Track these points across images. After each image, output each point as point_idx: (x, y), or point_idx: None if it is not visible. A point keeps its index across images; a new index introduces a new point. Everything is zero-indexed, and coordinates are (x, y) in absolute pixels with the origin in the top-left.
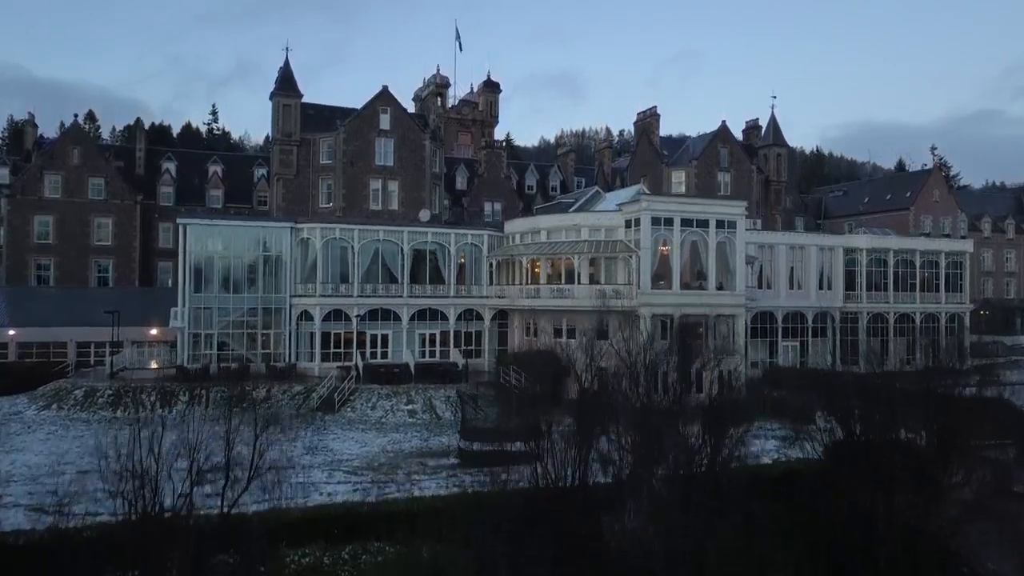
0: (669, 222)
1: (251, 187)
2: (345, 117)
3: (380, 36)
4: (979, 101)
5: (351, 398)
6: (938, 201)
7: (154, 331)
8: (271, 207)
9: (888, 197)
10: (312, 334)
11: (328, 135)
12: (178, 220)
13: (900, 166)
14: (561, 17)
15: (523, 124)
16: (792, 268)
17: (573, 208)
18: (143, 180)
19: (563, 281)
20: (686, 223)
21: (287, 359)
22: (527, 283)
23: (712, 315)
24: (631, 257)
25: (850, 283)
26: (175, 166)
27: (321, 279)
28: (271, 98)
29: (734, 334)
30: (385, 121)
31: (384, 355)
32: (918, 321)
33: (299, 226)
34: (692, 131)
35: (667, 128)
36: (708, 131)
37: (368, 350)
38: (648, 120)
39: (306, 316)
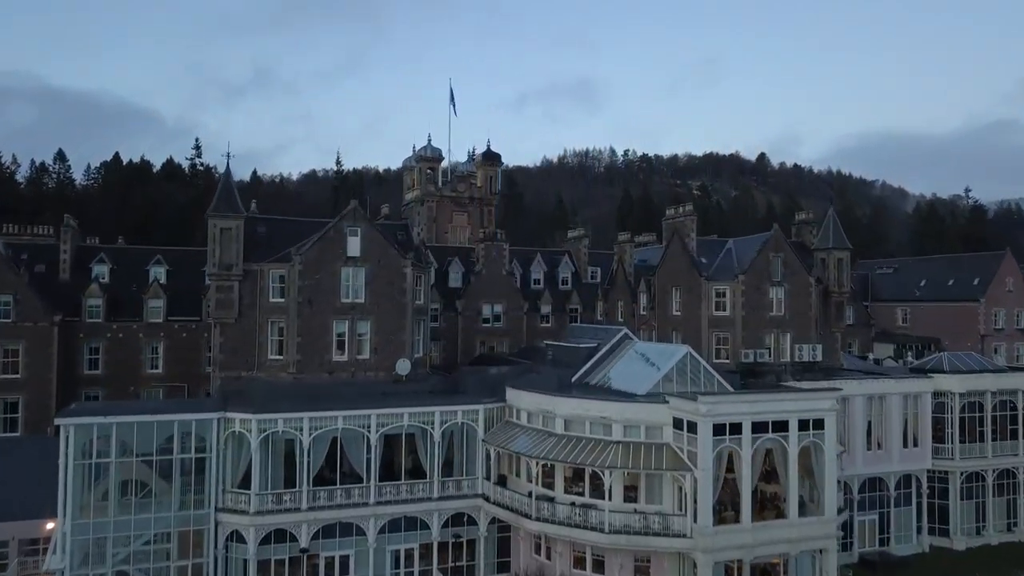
0: (736, 428)
1: (203, 289)
2: (309, 234)
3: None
4: (996, 110)
5: None
6: (1012, 291)
7: (51, 525)
8: (213, 359)
9: (950, 283)
10: (246, 561)
11: (280, 266)
12: (56, 420)
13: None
14: (584, 24)
15: (532, 136)
16: (870, 423)
17: (595, 361)
18: (69, 288)
19: (587, 492)
20: (759, 428)
21: None
22: (537, 484)
23: (794, 553)
24: (684, 476)
25: (938, 434)
26: (108, 269)
27: (258, 487)
28: (206, 218)
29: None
30: (354, 245)
31: None
32: (1021, 477)
33: (230, 416)
34: (709, 147)
35: (683, 145)
36: (755, 234)
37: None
38: (682, 221)
39: (237, 538)
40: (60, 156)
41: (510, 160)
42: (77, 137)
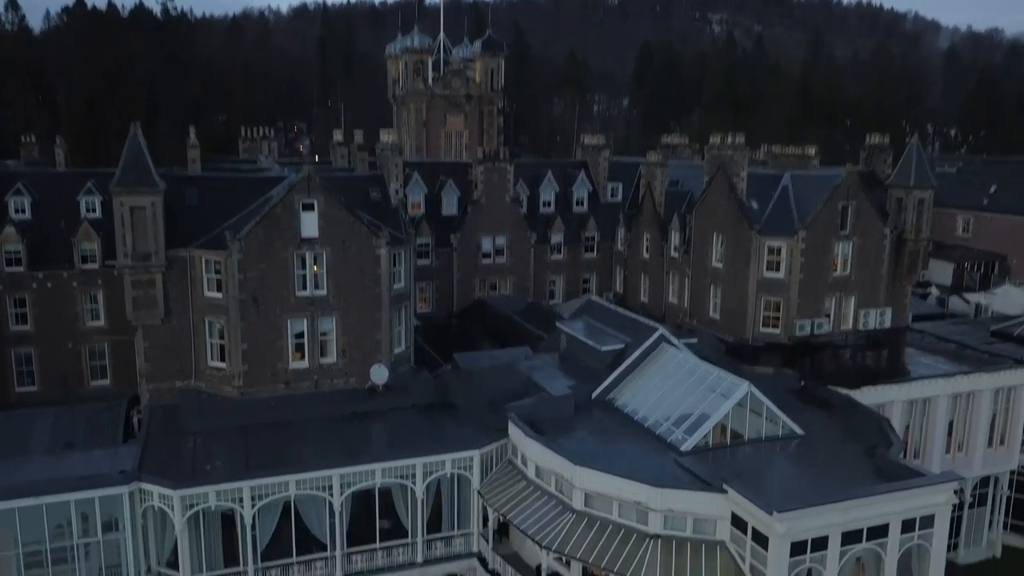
0: (821, 543)
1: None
2: (257, 195)
3: None
4: None
5: None
6: None
7: None
8: (139, 368)
9: None
10: None
11: (213, 253)
12: None
13: None
14: None
15: None
16: (951, 424)
17: (622, 371)
18: None
19: None
20: (851, 538)
21: None
22: (548, 555)
23: None
24: None
25: None
26: (29, 203)
27: (190, 573)
28: (111, 193)
29: None
30: (310, 224)
31: None
32: None
33: (146, 488)
34: None
35: None
36: (818, 170)
37: None
38: (731, 156)
39: None
40: (11, 3)
41: None
42: None
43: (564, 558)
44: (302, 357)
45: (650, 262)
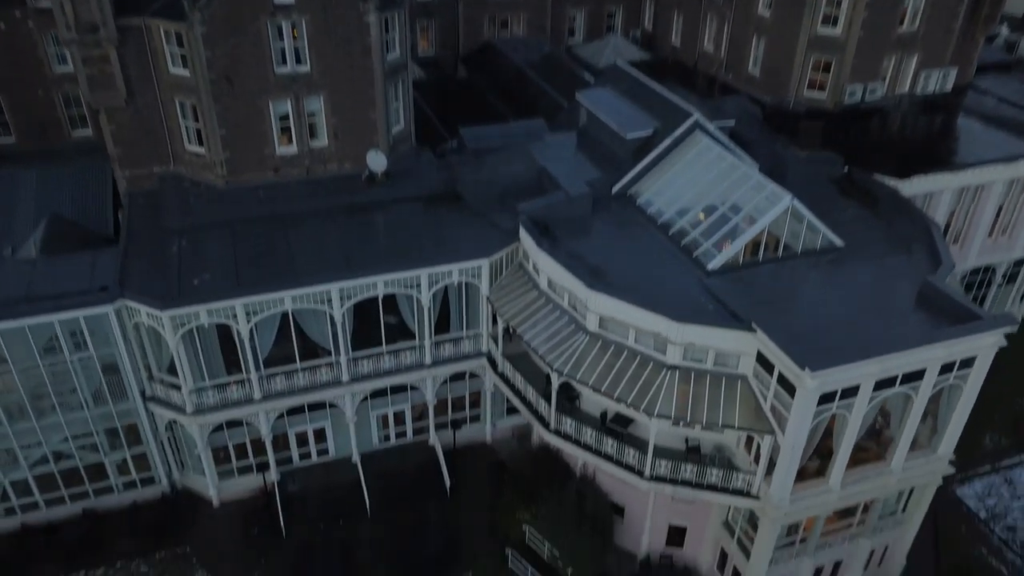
0: (851, 392)
1: None
2: None
3: None
4: None
5: None
6: None
7: None
8: (110, 153)
9: None
10: (195, 450)
11: (173, 23)
12: None
13: None
14: None
15: None
16: (1000, 208)
17: (648, 162)
18: None
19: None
20: (884, 384)
21: (162, 477)
22: None
23: (885, 496)
24: (762, 436)
25: None
26: None
27: (192, 382)
28: None
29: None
30: None
31: (322, 451)
32: None
33: (132, 306)
34: None
35: None
36: None
37: (296, 452)
38: None
39: (180, 427)
40: None
41: None
42: None
43: (575, 384)
44: (289, 141)
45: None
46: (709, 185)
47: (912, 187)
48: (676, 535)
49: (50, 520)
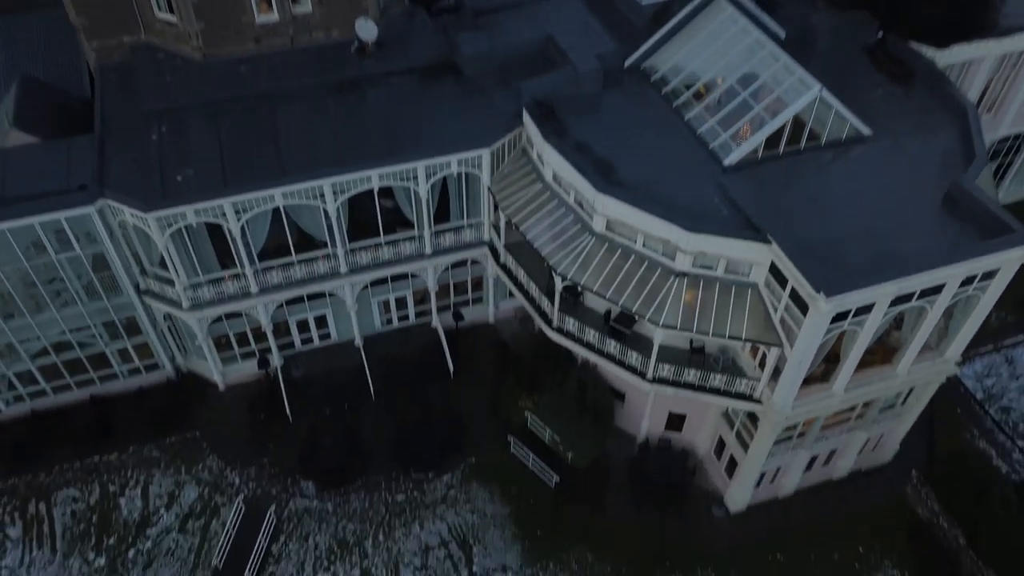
0: (866, 309)
1: None
2: None
3: None
4: None
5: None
6: None
7: None
8: (73, 23)
9: None
10: (195, 339)
11: None
12: None
13: None
14: None
15: None
16: None
17: (665, 32)
18: None
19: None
20: (900, 300)
21: (165, 363)
22: None
23: (886, 396)
24: (770, 348)
25: None
26: None
27: (185, 278)
28: None
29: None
30: None
31: (324, 336)
32: None
33: (115, 206)
34: None
35: None
36: None
37: (297, 337)
38: None
39: (178, 318)
40: None
41: None
42: None
43: (580, 288)
44: (269, 8)
45: None
46: (731, 63)
47: (951, 56)
48: (675, 421)
49: (59, 406)
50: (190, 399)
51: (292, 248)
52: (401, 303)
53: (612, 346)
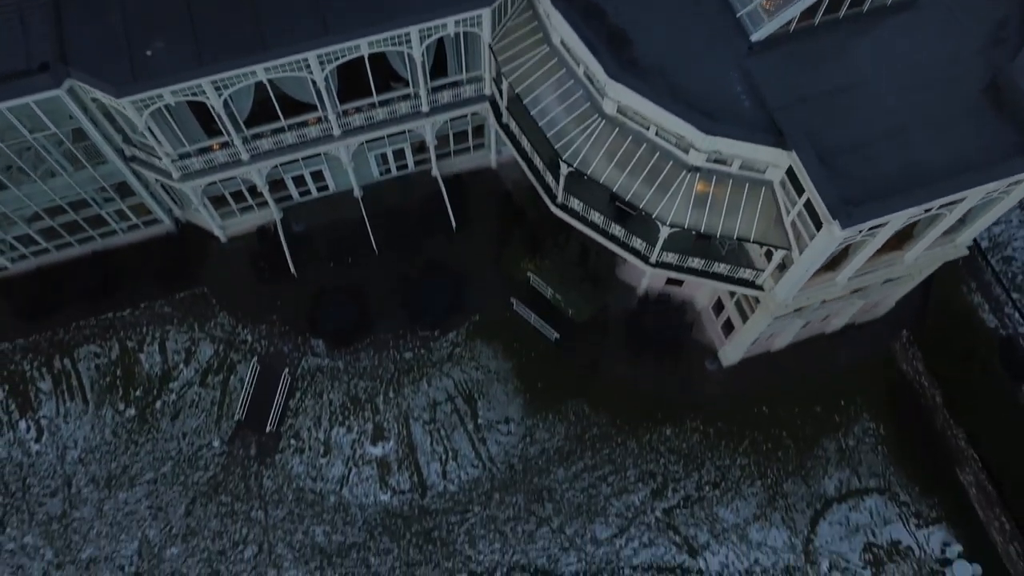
0: (880, 224)
1: None
2: None
3: None
4: None
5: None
6: None
7: None
8: None
9: None
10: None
11: None
12: None
13: None
14: None
15: None
16: None
17: None
18: None
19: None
20: (915, 213)
21: (163, 218)
22: None
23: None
24: (778, 249)
25: None
26: None
27: (171, 149)
28: None
29: None
30: None
31: (323, 188)
32: None
33: (84, 87)
34: None
35: None
36: None
37: (295, 191)
38: None
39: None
40: None
41: None
42: None
43: (586, 176)
44: None
45: None
46: None
47: None
48: (676, 280)
49: (64, 262)
50: (193, 252)
51: (280, 114)
52: (399, 154)
53: (616, 229)
